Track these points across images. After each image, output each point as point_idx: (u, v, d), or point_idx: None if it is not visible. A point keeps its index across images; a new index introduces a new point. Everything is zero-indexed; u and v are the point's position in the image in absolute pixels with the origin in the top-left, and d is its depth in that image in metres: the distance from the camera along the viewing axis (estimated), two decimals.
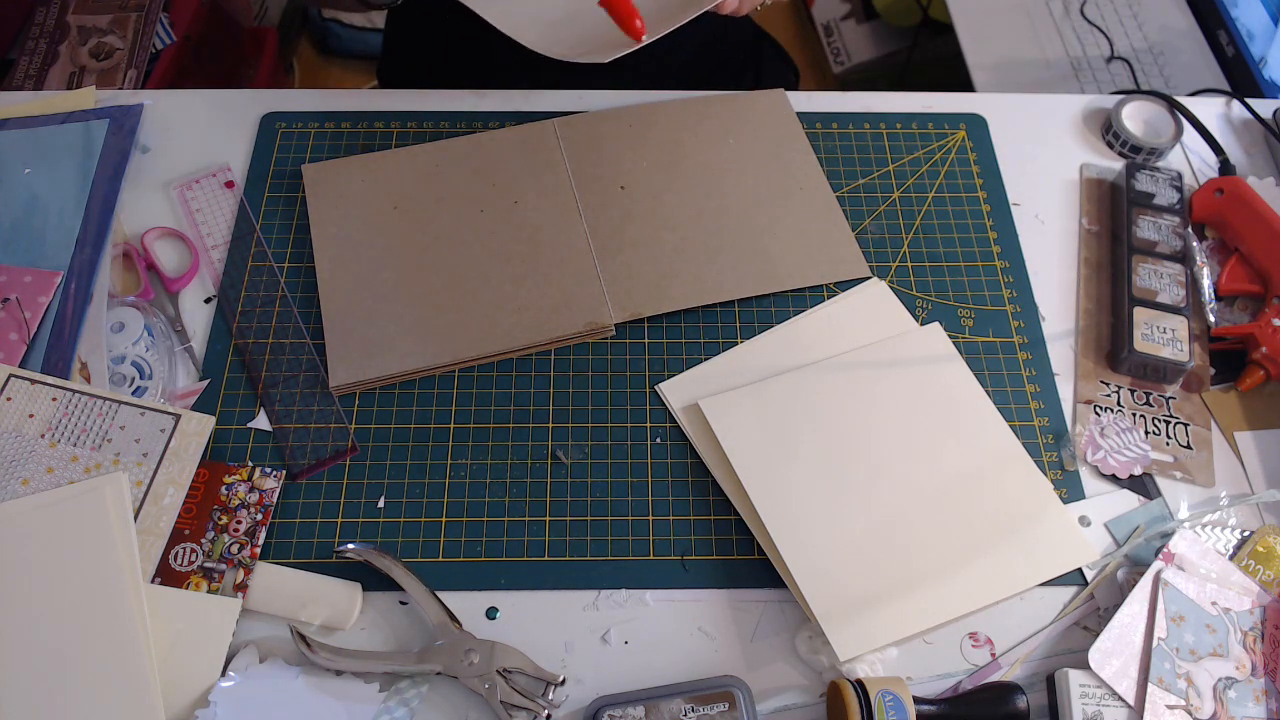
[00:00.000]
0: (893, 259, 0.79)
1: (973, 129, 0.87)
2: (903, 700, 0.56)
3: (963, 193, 0.83)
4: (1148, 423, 0.71)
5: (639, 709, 0.57)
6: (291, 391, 0.71)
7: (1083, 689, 0.59)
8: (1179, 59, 1.24)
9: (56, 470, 0.65)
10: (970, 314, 0.76)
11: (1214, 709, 0.59)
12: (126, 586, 0.60)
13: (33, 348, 0.71)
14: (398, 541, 0.66)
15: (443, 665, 0.59)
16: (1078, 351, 0.75)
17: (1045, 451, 0.70)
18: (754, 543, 0.66)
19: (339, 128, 0.85)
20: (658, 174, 0.81)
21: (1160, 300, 0.75)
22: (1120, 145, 0.85)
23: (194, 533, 0.64)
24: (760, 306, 0.76)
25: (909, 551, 0.64)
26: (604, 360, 0.73)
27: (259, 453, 0.69)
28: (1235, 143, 0.87)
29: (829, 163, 0.84)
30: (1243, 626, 0.62)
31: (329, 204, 0.80)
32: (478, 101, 0.87)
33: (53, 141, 0.81)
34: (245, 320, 0.74)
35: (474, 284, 0.75)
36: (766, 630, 0.63)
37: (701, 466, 0.69)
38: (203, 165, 0.82)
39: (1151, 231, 0.78)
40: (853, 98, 0.89)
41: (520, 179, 0.81)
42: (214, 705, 0.58)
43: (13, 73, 1.38)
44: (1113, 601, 0.63)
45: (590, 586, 0.64)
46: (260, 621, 0.62)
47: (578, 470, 0.69)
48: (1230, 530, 0.67)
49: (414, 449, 0.69)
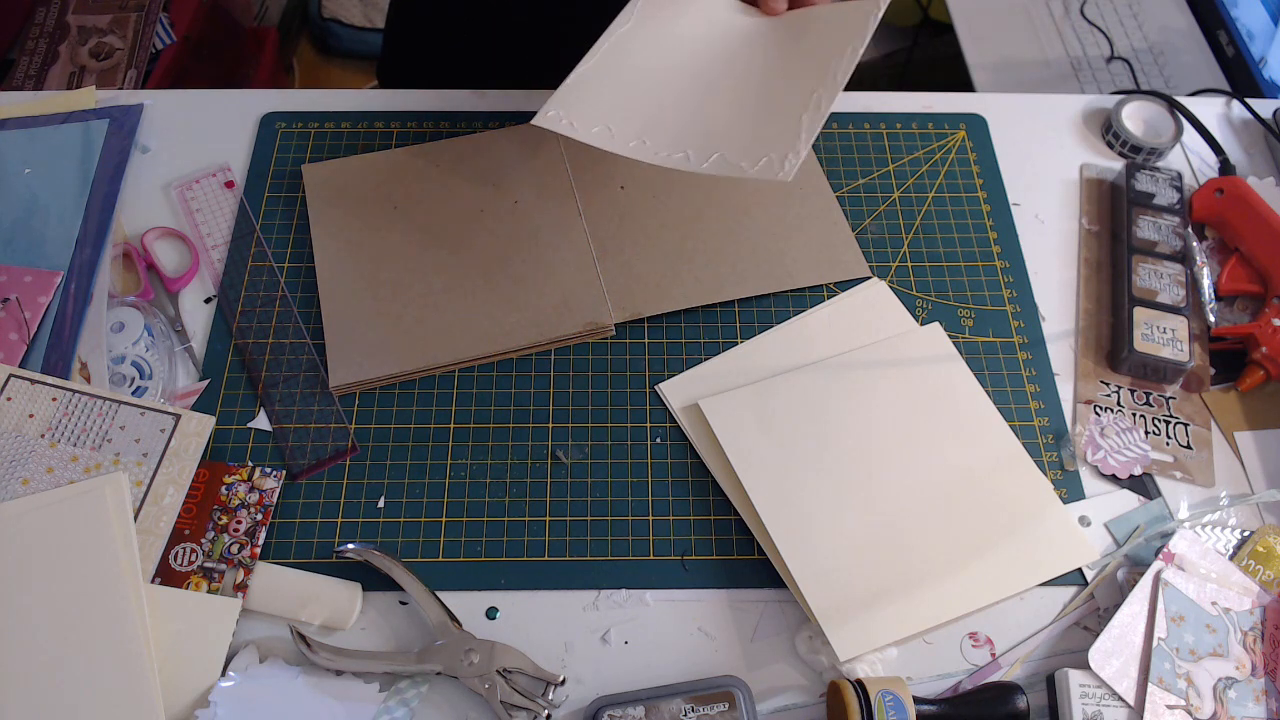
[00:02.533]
0: (893, 259, 0.79)
1: (973, 129, 0.87)
2: (903, 700, 0.56)
3: (963, 193, 0.83)
4: (1148, 423, 0.71)
5: (639, 709, 0.57)
6: (291, 391, 0.71)
7: (1083, 689, 0.59)
8: (1179, 59, 1.24)
9: (56, 470, 0.65)
10: (970, 314, 0.76)
11: (1214, 709, 0.59)
12: (126, 586, 0.60)
13: (33, 348, 0.71)
14: (398, 541, 0.66)
15: (443, 665, 0.59)
16: (1078, 351, 0.75)
17: (1045, 451, 0.70)
18: (754, 543, 0.66)
19: (339, 128, 0.85)
20: (658, 174, 0.81)
21: (1160, 300, 0.75)
22: (1120, 145, 0.85)
23: (194, 533, 0.64)
24: (760, 306, 0.76)
25: (909, 551, 0.64)
26: (604, 360, 0.73)
27: (259, 453, 0.69)
28: (1235, 143, 0.87)
29: (829, 163, 0.84)
30: (1243, 626, 0.62)
31: (329, 204, 0.80)
32: (478, 101, 0.87)
33: (53, 141, 0.81)
34: (245, 320, 0.74)
35: (474, 284, 0.75)
36: (766, 630, 0.63)
37: (701, 466, 0.69)
38: (203, 165, 0.82)
39: (1151, 231, 0.78)
40: (853, 98, 0.89)
41: (520, 179, 0.81)
42: (214, 705, 0.58)
43: (13, 73, 1.38)
44: (1113, 601, 0.63)
45: (590, 586, 0.64)
46: (260, 621, 0.62)
47: (578, 470, 0.69)
48: (1230, 530, 0.67)
49: (414, 449, 0.69)
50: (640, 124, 0.67)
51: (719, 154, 0.64)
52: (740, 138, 0.65)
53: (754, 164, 0.63)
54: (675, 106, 0.68)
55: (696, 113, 0.68)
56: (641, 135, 0.67)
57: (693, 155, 0.65)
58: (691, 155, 0.65)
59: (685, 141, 0.66)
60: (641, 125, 0.67)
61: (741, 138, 0.65)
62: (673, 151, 0.65)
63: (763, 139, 0.65)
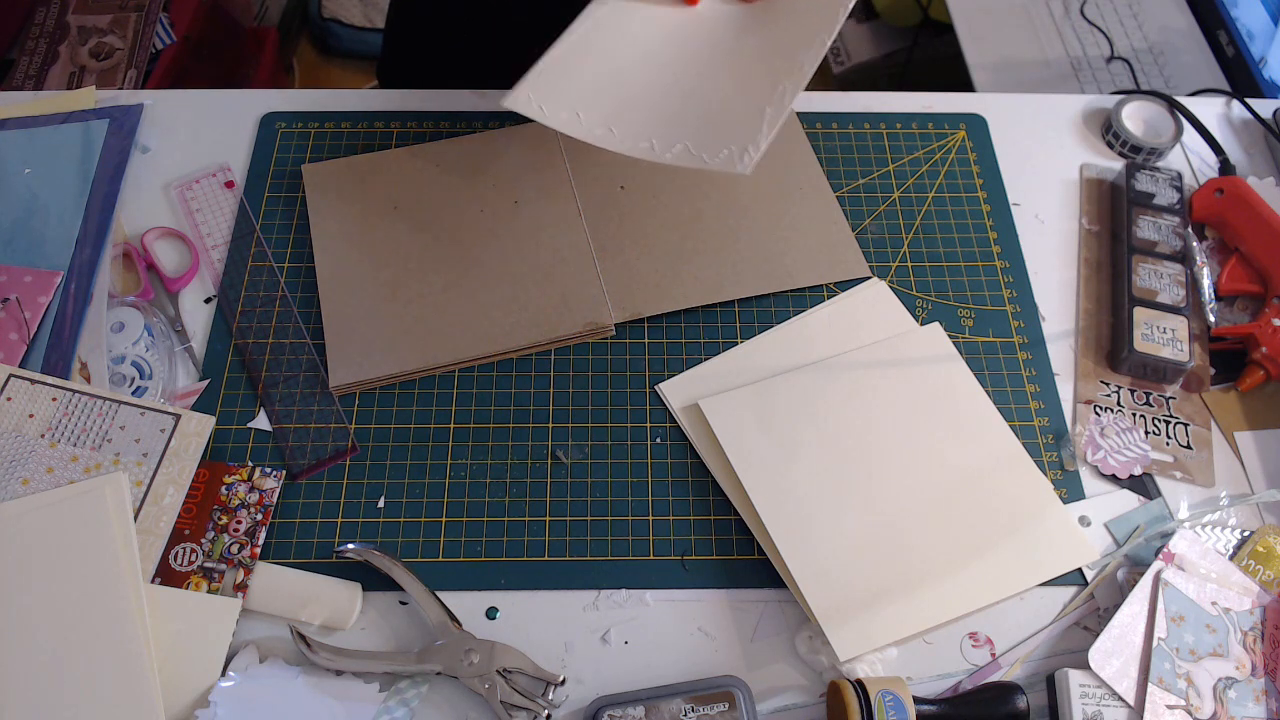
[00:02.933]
0: (893, 259, 0.79)
1: (973, 129, 0.87)
2: (903, 700, 0.56)
3: (963, 193, 0.83)
4: (1148, 423, 0.71)
5: (639, 709, 0.57)
6: (291, 391, 0.71)
7: (1083, 689, 0.59)
8: (1179, 59, 1.24)
9: (56, 470, 0.65)
10: (970, 314, 0.76)
11: (1214, 709, 0.59)
12: (126, 586, 0.60)
13: (33, 348, 0.71)
14: (398, 541, 0.66)
15: (443, 665, 0.59)
16: (1078, 351, 0.75)
17: (1045, 451, 0.70)
18: (754, 543, 0.66)
19: (339, 128, 0.85)
20: (658, 174, 0.81)
21: (1160, 300, 0.75)
22: (1120, 145, 0.85)
23: (194, 533, 0.64)
24: (760, 306, 0.76)
25: (909, 551, 0.64)
26: (604, 360, 0.73)
27: (259, 453, 0.69)
28: (1235, 143, 0.87)
29: (829, 163, 0.84)
30: (1243, 626, 0.62)
31: (329, 204, 0.80)
32: (478, 101, 0.87)
33: (53, 141, 0.81)
34: (245, 320, 0.74)
35: (474, 284, 0.75)
36: (766, 630, 0.63)
37: (701, 466, 0.69)
38: (203, 165, 0.82)
39: (1151, 231, 0.78)
40: (853, 98, 0.89)
41: (520, 179, 0.81)
42: (214, 705, 0.58)
43: (13, 73, 1.38)
44: (1113, 601, 0.63)
45: (590, 586, 0.64)
46: (260, 621, 0.62)
47: (578, 470, 0.69)
48: (1230, 530, 0.67)
49: (414, 449, 0.69)
50: (608, 111, 0.67)
51: (682, 144, 0.65)
52: (704, 129, 0.66)
53: (715, 156, 0.64)
54: (644, 95, 0.68)
55: (664, 102, 0.68)
56: (609, 123, 0.67)
57: (657, 145, 0.65)
58: (656, 145, 0.65)
59: (651, 130, 0.66)
60: (609, 113, 0.67)
61: (705, 129, 0.66)
62: (638, 140, 0.66)
63: (725, 131, 0.65)
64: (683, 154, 0.65)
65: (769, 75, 0.67)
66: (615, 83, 0.69)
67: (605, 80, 0.69)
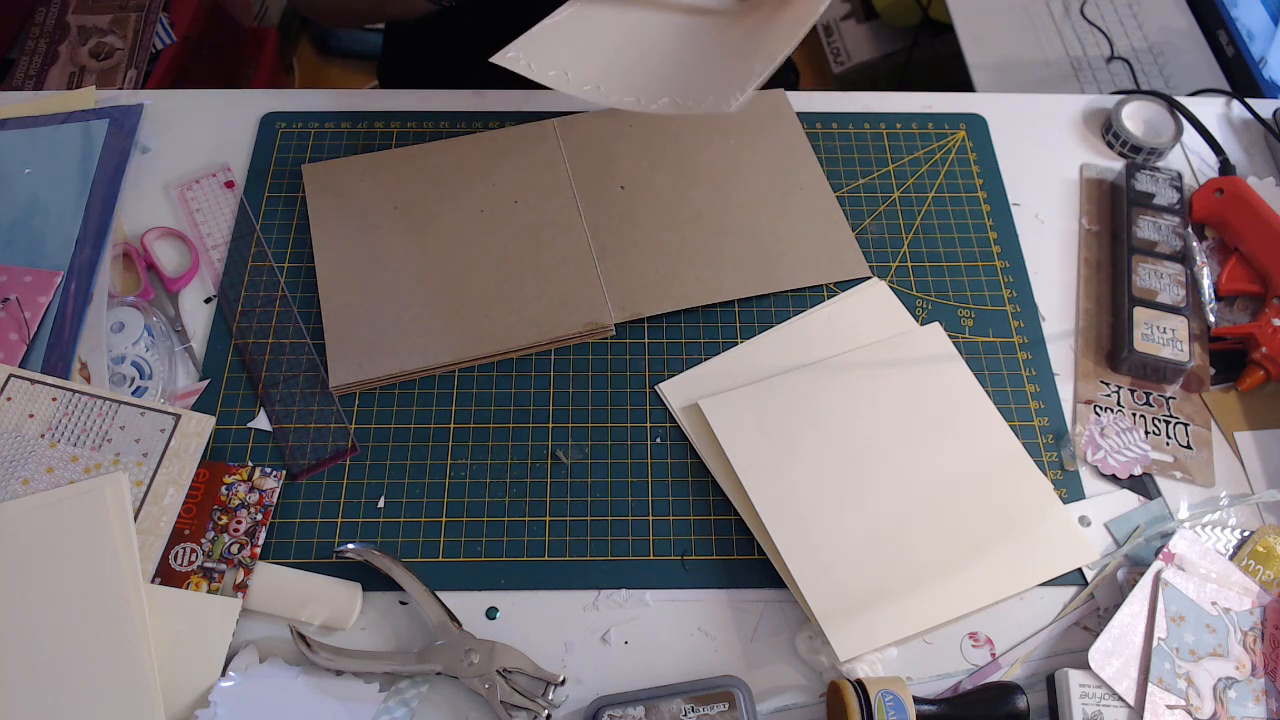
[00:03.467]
0: (893, 259, 0.79)
1: (973, 129, 0.87)
2: (903, 700, 0.56)
3: (963, 193, 0.83)
4: (1148, 423, 0.71)
5: (639, 709, 0.57)
6: (291, 391, 0.71)
7: (1083, 689, 0.59)
8: (1179, 59, 1.24)
9: (56, 470, 0.65)
10: (970, 314, 0.76)
11: (1214, 709, 0.59)
12: (126, 586, 0.60)
13: (33, 348, 0.71)
14: (398, 541, 0.66)
15: (443, 665, 0.59)
16: (1078, 351, 0.75)
17: (1045, 451, 0.70)
18: (754, 543, 0.66)
19: (339, 128, 0.85)
20: (658, 174, 0.81)
21: (1160, 300, 0.75)
22: (1120, 145, 0.85)
23: (194, 533, 0.64)
24: (760, 306, 0.76)
25: (909, 551, 0.64)
26: (604, 360, 0.73)
27: (259, 453, 0.69)
28: (1235, 143, 0.87)
29: (829, 163, 0.84)
30: (1243, 626, 0.62)
31: (329, 204, 0.80)
32: (478, 101, 0.87)
33: (53, 141, 0.81)
34: (245, 320, 0.74)
35: (474, 284, 0.75)
36: (766, 630, 0.63)
37: (701, 466, 0.69)
38: (203, 165, 0.82)
39: (1151, 231, 0.78)
40: (853, 98, 0.89)
41: (520, 179, 0.81)
42: (214, 705, 0.58)
43: (13, 73, 1.38)
44: (1113, 601, 0.63)
45: (590, 586, 0.64)
46: (260, 621, 0.62)
47: (578, 470, 0.69)
48: (1230, 530, 0.67)
49: (414, 449, 0.69)
50: (598, 71, 0.67)
51: (668, 97, 0.64)
52: (690, 83, 0.65)
53: (700, 103, 0.63)
54: (632, 57, 0.68)
55: (652, 62, 0.68)
56: (597, 81, 0.67)
57: (643, 98, 0.65)
58: (642, 98, 0.65)
59: (637, 87, 0.66)
60: (600, 72, 0.67)
61: (692, 82, 0.65)
62: (624, 95, 0.65)
63: (712, 84, 0.64)
64: (668, 105, 0.64)
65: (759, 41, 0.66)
66: (605, 48, 0.69)
67: (595, 45, 0.69)
